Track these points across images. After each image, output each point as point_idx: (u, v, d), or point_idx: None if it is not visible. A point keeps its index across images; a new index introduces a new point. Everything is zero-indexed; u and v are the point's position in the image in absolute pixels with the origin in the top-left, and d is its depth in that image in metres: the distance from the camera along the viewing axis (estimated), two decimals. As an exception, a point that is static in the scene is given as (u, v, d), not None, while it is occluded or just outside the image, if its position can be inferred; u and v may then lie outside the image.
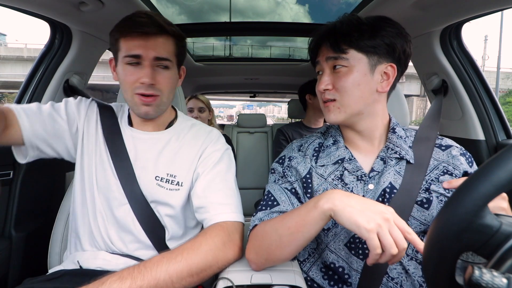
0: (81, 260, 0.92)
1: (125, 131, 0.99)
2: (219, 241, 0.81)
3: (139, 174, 0.93)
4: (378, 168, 0.85)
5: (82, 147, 0.97)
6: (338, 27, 0.83)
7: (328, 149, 0.92)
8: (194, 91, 3.49)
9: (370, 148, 0.89)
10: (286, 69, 2.75)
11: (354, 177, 0.85)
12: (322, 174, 0.88)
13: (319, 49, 0.88)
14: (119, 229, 0.93)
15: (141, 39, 0.87)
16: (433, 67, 1.42)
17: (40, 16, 1.20)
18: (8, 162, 1.24)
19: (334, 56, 0.82)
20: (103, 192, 0.93)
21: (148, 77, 0.87)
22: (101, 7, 1.17)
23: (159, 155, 0.96)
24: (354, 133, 0.90)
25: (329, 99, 0.85)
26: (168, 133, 1.00)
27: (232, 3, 5.79)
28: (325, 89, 0.84)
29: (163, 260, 0.74)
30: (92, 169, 0.95)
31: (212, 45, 3.08)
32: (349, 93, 0.82)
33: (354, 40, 0.80)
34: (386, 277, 0.79)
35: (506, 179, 0.39)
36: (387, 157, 0.85)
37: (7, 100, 31.66)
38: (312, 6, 38.44)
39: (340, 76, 0.82)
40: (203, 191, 0.92)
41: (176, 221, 0.96)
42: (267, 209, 0.86)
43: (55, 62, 1.34)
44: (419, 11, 1.19)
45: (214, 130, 1.06)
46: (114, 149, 0.95)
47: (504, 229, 0.39)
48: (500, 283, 0.34)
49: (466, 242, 0.40)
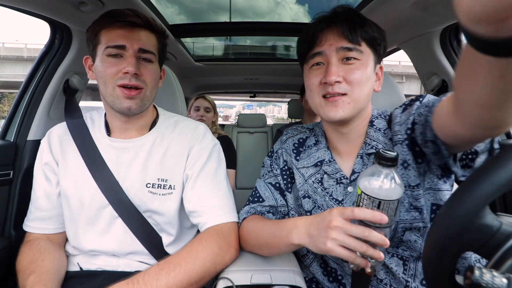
0: (81, 262, 0.92)
1: (103, 140, 0.95)
2: (215, 246, 0.81)
3: (128, 185, 0.90)
4: (359, 169, 0.82)
5: (60, 167, 0.94)
6: (351, 13, 0.77)
7: (309, 150, 0.92)
8: (194, 91, 3.49)
9: (351, 149, 0.86)
10: (286, 69, 2.76)
11: (333, 181, 0.84)
12: (304, 174, 0.90)
13: (322, 37, 0.78)
14: (115, 242, 0.90)
15: (126, 30, 0.85)
16: (433, 67, 1.42)
17: (40, 16, 1.20)
18: (8, 162, 1.24)
19: (349, 47, 0.75)
20: (87, 205, 0.90)
21: (133, 66, 0.83)
22: (101, 7, 1.16)
23: (147, 161, 0.92)
24: (338, 134, 0.86)
25: (339, 93, 0.76)
26: (152, 135, 0.96)
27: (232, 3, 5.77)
28: (336, 81, 0.75)
29: (162, 273, 0.73)
30: (72, 183, 0.91)
31: (212, 45, 3.07)
32: (362, 87, 0.76)
33: (370, 31, 0.76)
34: (376, 280, 0.79)
35: (506, 179, 0.39)
36: (364, 154, 0.82)
37: (7, 100, 31.67)
38: (312, 6, 38.48)
39: (353, 68, 0.76)
40: (194, 195, 0.90)
41: (172, 226, 0.94)
42: (254, 204, 0.94)
43: (55, 62, 1.34)
44: (419, 11, 1.19)
45: (200, 125, 1.02)
46: (90, 160, 0.91)
47: (504, 229, 0.39)
48: (500, 283, 0.35)
49: (466, 242, 0.40)
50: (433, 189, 0.75)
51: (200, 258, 0.77)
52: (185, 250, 0.80)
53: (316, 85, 0.80)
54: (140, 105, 0.89)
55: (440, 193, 0.75)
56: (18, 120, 1.30)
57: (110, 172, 0.90)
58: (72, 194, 0.91)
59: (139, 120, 0.96)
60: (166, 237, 0.94)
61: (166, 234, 0.94)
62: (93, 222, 0.90)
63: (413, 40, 1.43)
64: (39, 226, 0.94)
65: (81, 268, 0.91)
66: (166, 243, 0.93)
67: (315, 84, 0.80)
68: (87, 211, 0.90)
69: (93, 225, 0.90)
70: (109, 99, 0.87)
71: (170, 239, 0.94)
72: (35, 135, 1.31)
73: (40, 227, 0.94)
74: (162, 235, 0.93)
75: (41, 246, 0.89)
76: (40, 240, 0.92)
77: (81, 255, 0.93)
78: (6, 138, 1.30)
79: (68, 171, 0.92)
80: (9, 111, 1.35)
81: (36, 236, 0.94)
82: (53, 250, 0.90)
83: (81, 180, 0.90)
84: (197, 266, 0.76)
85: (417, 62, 1.55)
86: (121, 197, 0.88)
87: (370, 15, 1.34)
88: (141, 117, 0.96)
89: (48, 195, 0.94)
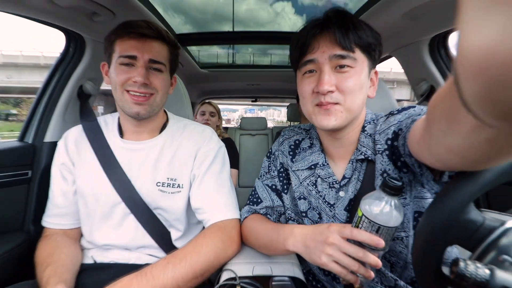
0: (95, 255, 0.93)
1: (116, 142, 0.95)
2: (218, 241, 0.81)
3: (139, 184, 0.91)
4: (349, 174, 0.78)
5: (76, 167, 0.95)
6: (345, 17, 0.69)
7: (304, 153, 0.89)
8: (199, 96, 3.50)
9: (344, 154, 0.82)
10: (285, 75, 2.76)
11: (326, 184, 0.82)
12: (299, 176, 0.88)
13: (314, 44, 0.72)
14: (127, 236, 0.91)
15: (137, 41, 0.85)
16: (422, 74, 1.43)
17: (56, 26, 1.21)
18: (26, 162, 1.25)
19: (342, 55, 0.68)
20: (102, 202, 0.91)
21: (141, 77, 0.84)
22: (113, 17, 1.17)
23: (157, 162, 0.93)
24: (331, 139, 0.82)
25: (332, 102, 0.71)
26: (162, 138, 0.97)
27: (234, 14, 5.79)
28: (329, 90, 0.69)
29: (169, 266, 0.73)
30: (88, 182, 0.92)
31: (216, 53, 3.08)
32: (355, 96, 0.70)
33: (364, 36, 0.69)
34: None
35: (490, 178, 0.39)
36: (355, 160, 0.78)
37: (25, 105, 31.73)
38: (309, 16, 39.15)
39: (346, 76, 0.69)
40: (200, 193, 0.91)
41: (180, 222, 0.95)
42: (253, 205, 0.94)
43: (69, 69, 1.35)
44: (409, 21, 1.19)
45: (207, 128, 1.02)
46: (104, 160, 0.92)
47: (487, 224, 0.39)
48: (483, 274, 0.35)
49: (452, 236, 0.41)
50: (418, 197, 0.70)
51: (204, 253, 0.78)
52: (190, 245, 0.80)
53: (309, 93, 0.74)
54: (149, 110, 0.89)
55: (423, 201, 0.69)
56: (35, 123, 1.31)
57: (123, 171, 0.91)
58: (87, 192, 0.91)
59: (150, 123, 0.96)
60: (174, 232, 0.94)
61: (175, 229, 0.95)
62: (107, 218, 0.91)
63: (404, 48, 1.43)
64: (56, 222, 0.95)
65: (95, 261, 0.92)
66: (175, 238, 0.94)
67: (307, 92, 0.75)
68: (101, 207, 0.90)
69: (107, 220, 0.91)
70: (120, 104, 0.89)
71: (178, 234, 0.95)
72: (52, 137, 1.32)
73: (57, 223, 0.95)
74: (171, 230, 0.94)
75: (58, 240, 0.90)
76: (57, 235, 0.93)
77: (95, 249, 0.94)
78: (25, 140, 1.31)
79: (84, 170, 0.93)
80: (27, 115, 1.36)
81: (53, 231, 0.95)
82: (69, 244, 0.91)
83: (96, 179, 0.91)
84: (201, 260, 0.76)
85: (408, 69, 1.55)
86: (133, 195, 0.89)
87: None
88: (152, 121, 0.96)
89: (64, 194, 0.95)
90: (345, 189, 0.79)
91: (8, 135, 22.62)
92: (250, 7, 22.03)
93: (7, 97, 34.06)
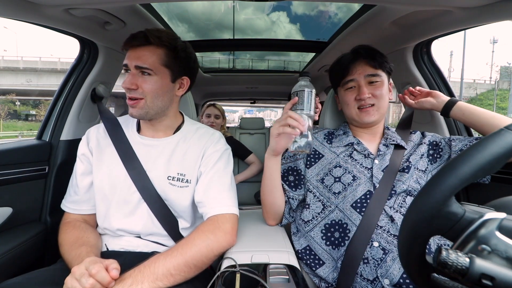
0: (108, 243, 0.93)
1: (134, 137, 0.97)
2: (210, 233, 0.80)
3: (153, 176, 0.91)
4: (383, 150, 0.98)
5: (95, 158, 0.95)
6: (373, 52, 0.97)
7: (340, 137, 1.05)
8: (203, 98, 3.49)
9: (373, 138, 1.03)
10: (281, 79, 2.76)
11: (362, 156, 0.98)
12: (335, 151, 1.02)
13: (353, 69, 0.98)
14: (139, 223, 0.91)
15: (131, 51, 0.88)
16: (407, 78, 1.42)
17: (71, 34, 1.20)
18: (44, 159, 1.25)
19: (373, 74, 0.96)
20: (119, 189, 0.91)
21: (127, 83, 0.86)
22: (123, 26, 1.16)
23: (170, 158, 0.93)
24: (363, 130, 1.04)
25: (370, 104, 0.96)
26: (176, 137, 0.98)
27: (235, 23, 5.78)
28: (368, 97, 0.95)
29: (160, 257, 0.73)
30: (107, 172, 0.92)
31: (218, 59, 3.06)
32: (384, 99, 0.97)
33: (382, 60, 0.97)
34: (376, 227, 0.84)
35: (469, 173, 0.39)
36: (388, 143, 1.00)
37: (43, 106, 31.58)
38: (303, 24, 38.84)
39: (377, 86, 0.96)
40: (202, 188, 0.91)
41: (186, 213, 0.95)
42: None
43: (84, 73, 1.34)
44: (396, 29, 1.19)
45: (216, 132, 1.03)
46: (123, 152, 0.93)
47: (467, 215, 0.39)
48: (464, 262, 0.35)
49: (435, 227, 0.40)
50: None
51: (196, 244, 0.77)
52: (184, 238, 0.81)
53: (352, 100, 0.99)
54: (140, 112, 0.89)
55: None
56: (52, 123, 1.31)
57: (140, 163, 0.92)
58: (106, 181, 0.92)
59: (160, 123, 0.97)
60: (182, 222, 0.95)
61: (183, 219, 0.95)
62: (122, 204, 0.91)
63: (390, 54, 1.42)
64: (75, 208, 0.96)
65: (107, 248, 0.92)
66: (181, 227, 0.94)
67: (351, 100, 0.99)
68: (118, 194, 0.91)
69: (122, 207, 0.91)
70: None
71: (185, 225, 0.95)
72: (67, 136, 1.32)
73: (76, 208, 0.96)
74: (179, 220, 0.94)
75: (82, 226, 0.91)
76: (79, 222, 0.93)
77: (108, 236, 0.94)
78: (42, 138, 1.31)
79: (104, 161, 0.94)
80: (45, 115, 1.35)
81: (74, 217, 0.95)
82: (92, 230, 0.93)
83: (115, 169, 0.92)
84: (194, 250, 0.76)
85: (394, 73, 1.54)
86: (147, 184, 0.90)
87: (356, 32, 1.34)
88: (162, 121, 0.97)
89: (83, 181, 0.96)
90: (379, 158, 0.96)
91: (27, 134, 22.56)
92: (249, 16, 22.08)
93: (27, 99, 33.95)
